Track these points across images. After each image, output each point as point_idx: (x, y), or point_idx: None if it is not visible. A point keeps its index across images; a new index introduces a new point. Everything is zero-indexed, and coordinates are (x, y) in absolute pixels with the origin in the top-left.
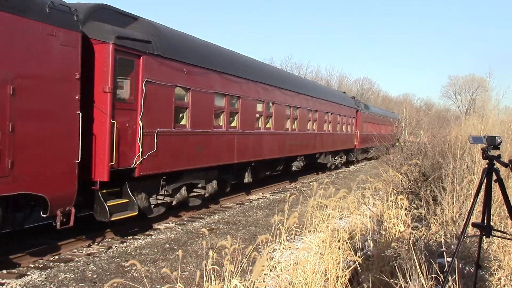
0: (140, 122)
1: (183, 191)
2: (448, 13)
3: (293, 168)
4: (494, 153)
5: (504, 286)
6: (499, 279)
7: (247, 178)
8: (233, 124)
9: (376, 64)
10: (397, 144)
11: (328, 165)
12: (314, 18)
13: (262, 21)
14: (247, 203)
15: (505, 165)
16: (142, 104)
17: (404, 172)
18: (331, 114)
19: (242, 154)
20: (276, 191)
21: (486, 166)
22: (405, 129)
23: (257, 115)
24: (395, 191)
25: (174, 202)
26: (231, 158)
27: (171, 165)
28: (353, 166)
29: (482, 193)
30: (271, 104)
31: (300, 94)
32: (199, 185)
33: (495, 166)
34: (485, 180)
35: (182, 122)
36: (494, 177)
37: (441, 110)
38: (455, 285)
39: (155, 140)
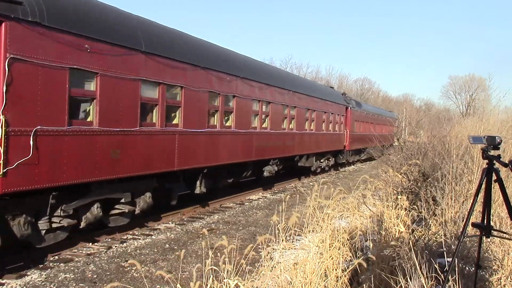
0: (1, 116)
1: (96, 209)
2: (448, 13)
3: (265, 174)
4: (494, 153)
5: (504, 286)
6: (499, 279)
7: (199, 188)
8: (174, 121)
9: (376, 64)
10: (394, 144)
11: (313, 169)
12: (314, 18)
13: (262, 21)
14: (247, 203)
15: (505, 165)
16: (5, 90)
17: (404, 172)
18: (314, 111)
19: (188, 159)
20: (276, 191)
21: (486, 166)
22: (405, 129)
23: (211, 111)
24: (395, 191)
25: (83, 225)
26: (169, 164)
27: (66, 177)
28: (344, 169)
29: (482, 193)
30: (231, 98)
31: (272, 86)
32: (123, 200)
33: (495, 166)
34: (485, 180)
35: (88, 118)
36: (494, 177)
37: (441, 110)
38: (455, 285)
39: (31, 142)
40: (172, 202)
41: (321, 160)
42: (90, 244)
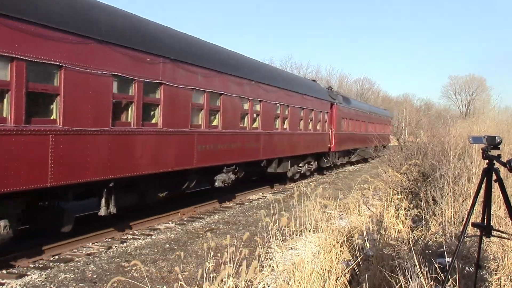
0: None
1: None
2: (448, 13)
3: (217, 184)
4: (494, 153)
5: (504, 286)
6: (499, 279)
7: (105, 208)
8: (52, 116)
9: (376, 64)
10: (390, 145)
11: (289, 175)
12: (314, 18)
13: (262, 21)
14: (247, 203)
15: (504, 164)
16: None
17: (404, 172)
18: (288, 106)
19: (75, 170)
20: (276, 191)
21: (486, 166)
22: (405, 129)
23: (123, 103)
24: (395, 191)
25: None
26: (39, 178)
27: None
28: (330, 173)
29: (482, 193)
30: (156, 86)
31: (225, 74)
32: None
33: (495, 166)
34: (485, 180)
35: None
36: (494, 177)
37: (441, 110)
38: (455, 285)
39: None
40: (62, 228)
41: (300, 165)
42: (90, 244)
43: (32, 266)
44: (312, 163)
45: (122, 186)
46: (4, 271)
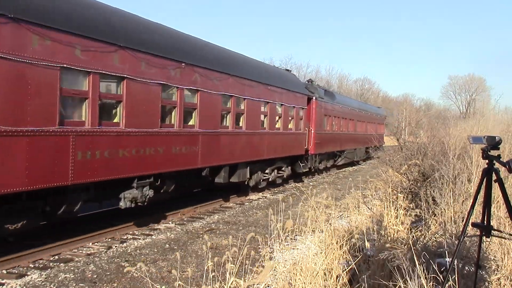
0: None
1: None
2: (448, 13)
3: (123, 204)
4: (494, 153)
5: (503, 286)
6: (498, 279)
7: None
8: None
9: (376, 64)
10: (383, 146)
11: (251, 184)
12: (314, 18)
13: (262, 21)
14: (247, 203)
15: (504, 164)
16: None
17: (404, 172)
18: (245, 99)
19: None
20: (276, 191)
21: (486, 166)
22: (405, 129)
23: None
24: (394, 191)
25: None
26: None
27: None
28: (309, 180)
29: (482, 193)
30: None
31: (132, 50)
32: None
33: (495, 166)
34: (485, 180)
35: None
36: (494, 177)
37: (441, 110)
38: (455, 285)
39: None
40: None
41: (266, 171)
42: (90, 244)
43: (32, 266)
44: (284, 168)
45: None
46: (4, 271)
